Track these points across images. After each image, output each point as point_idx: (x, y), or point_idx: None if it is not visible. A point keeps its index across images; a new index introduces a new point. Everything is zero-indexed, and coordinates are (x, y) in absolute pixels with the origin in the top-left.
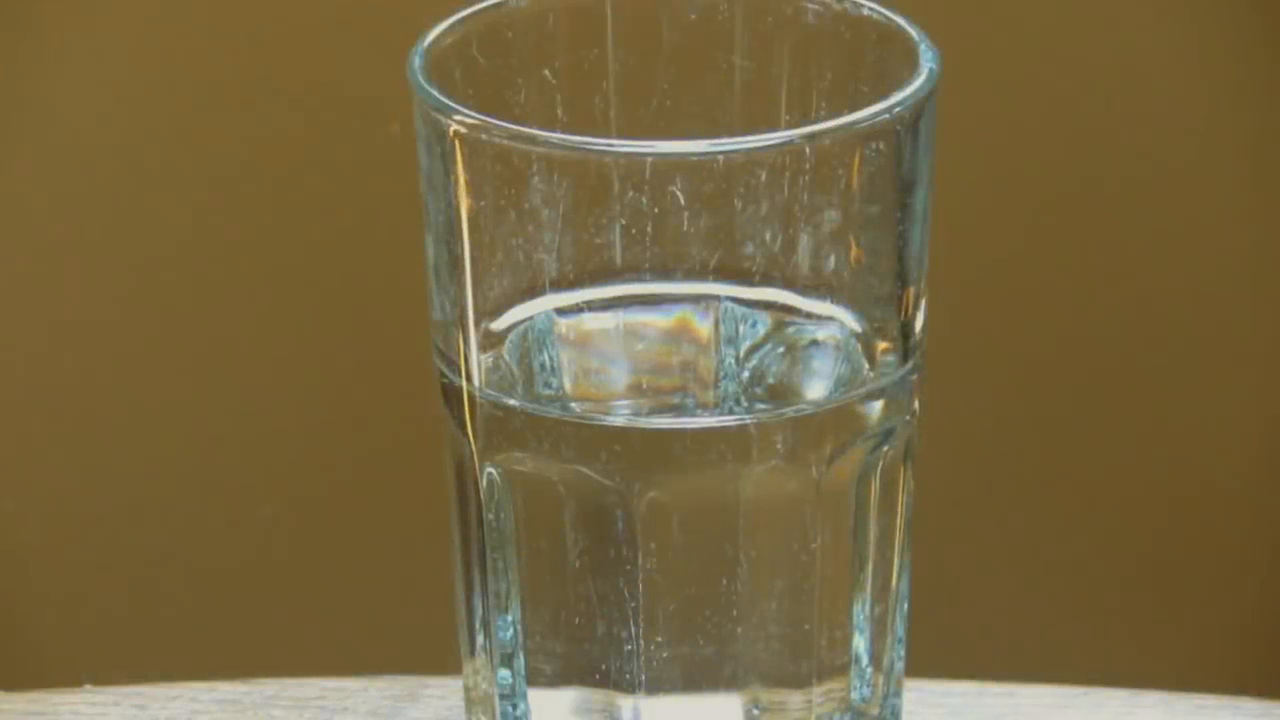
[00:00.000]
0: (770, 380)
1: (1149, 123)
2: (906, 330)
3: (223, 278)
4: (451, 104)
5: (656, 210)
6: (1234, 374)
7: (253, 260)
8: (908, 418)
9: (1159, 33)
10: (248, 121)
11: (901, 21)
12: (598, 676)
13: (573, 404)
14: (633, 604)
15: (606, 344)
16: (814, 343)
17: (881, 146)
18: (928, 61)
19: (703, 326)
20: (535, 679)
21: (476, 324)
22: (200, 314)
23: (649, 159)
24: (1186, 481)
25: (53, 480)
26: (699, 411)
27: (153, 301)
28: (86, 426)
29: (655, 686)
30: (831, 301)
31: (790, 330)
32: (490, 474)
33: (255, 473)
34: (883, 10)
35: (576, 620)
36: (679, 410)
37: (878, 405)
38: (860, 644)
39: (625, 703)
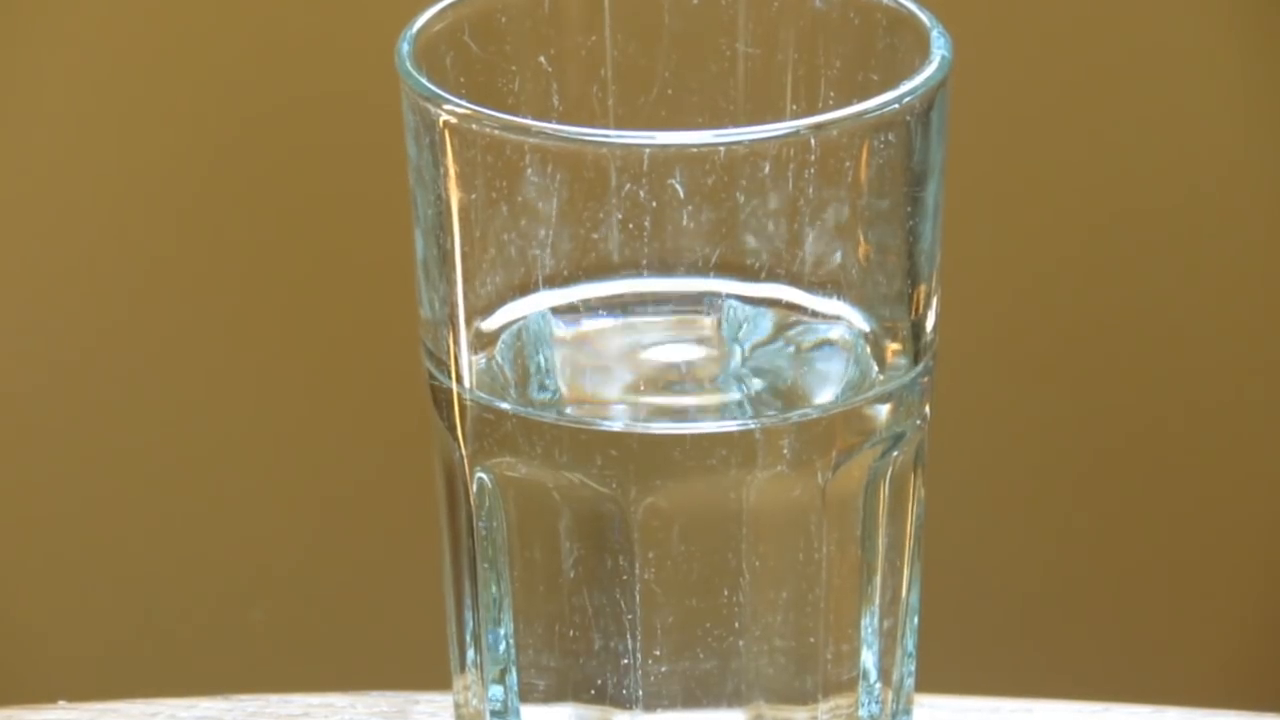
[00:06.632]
0: (775, 382)
1: (1167, 111)
2: (917, 330)
3: (206, 277)
4: (442, 93)
5: (656, 204)
6: (1263, 378)
7: (236, 258)
8: (918, 422)
9: (1175, 20)
10: (234, 115)
11: (912, 7)
12: (593, 692)
13: (568, 407)
14: (630, 616)
15: (604, 344)
16: (820, 343)
17: (891, 137)
18: (940, 49)
19: (704, 326)
20: (528, 695)
21: (467, 323)
22: (183, 315)
23: (648, 150)
24: (1210, 494)
25: (29, 493)
26: (700, 415)
27: (137, 303)
28: (66, 435)
29: (653, 703)
30: (839, 300)
31: (796, 330)
32: (481, 480)
33: (238, 481)
34: None
35: (571, 633)
36: (679, 414)
37: (887, 408)
38: (868, 658)
39: None
